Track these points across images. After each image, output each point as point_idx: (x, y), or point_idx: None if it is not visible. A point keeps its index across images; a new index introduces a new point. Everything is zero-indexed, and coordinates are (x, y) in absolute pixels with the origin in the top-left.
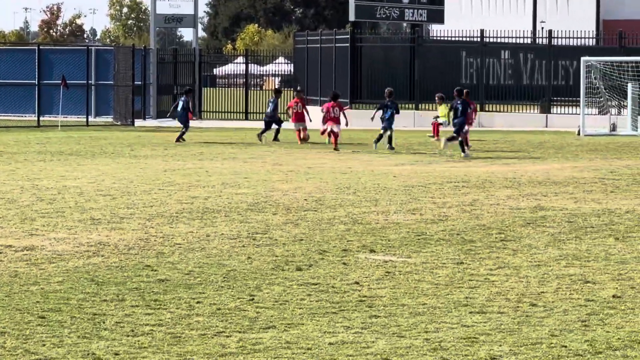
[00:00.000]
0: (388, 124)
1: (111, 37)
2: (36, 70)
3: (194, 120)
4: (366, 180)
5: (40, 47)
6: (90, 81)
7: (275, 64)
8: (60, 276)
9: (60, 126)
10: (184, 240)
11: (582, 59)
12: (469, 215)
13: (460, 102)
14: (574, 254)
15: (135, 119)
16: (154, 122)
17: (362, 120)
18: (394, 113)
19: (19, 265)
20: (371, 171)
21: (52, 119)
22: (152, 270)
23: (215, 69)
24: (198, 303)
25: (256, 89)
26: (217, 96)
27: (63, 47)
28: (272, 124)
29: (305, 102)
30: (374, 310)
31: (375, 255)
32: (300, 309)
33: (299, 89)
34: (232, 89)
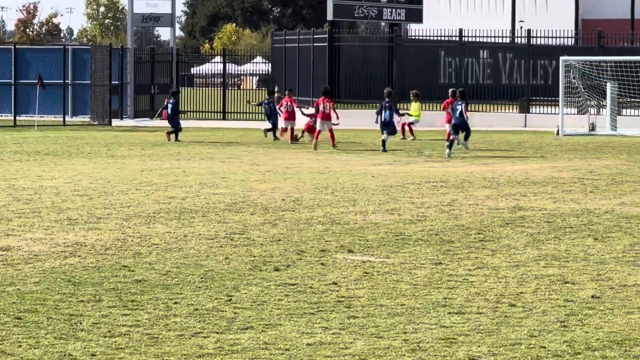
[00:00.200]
0: (389, 127)
1: (88, 36)
2: (12, 69)
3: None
4: (344, 180)
5: (17, 47)
6: (67, 81)
7: (253, 63)
8: (37, 277)
9: (37, 126)
10: (161, 240)
11: (561, 58)
12: (447, 216)
13: (460, 103)
14: (553, 255)
15: (113, 118)
16: (131, 122)
17: (340, 120)
18: (392, 114)
19: None
20: (349, 171)
21: (28, 118)
22: (129, 270)
23: (192, 69)
24: (175, 304)
25: (234, 89)
26: (194, 96)
27: (40, 47)
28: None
29: (297, 102)
30: (352, 311)
31: (353, 255)
32: (278, 309)
33: (290, 89)
34: (210, 88)
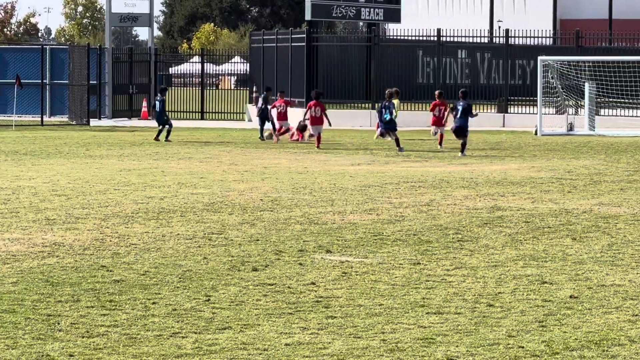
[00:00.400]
0: (389, 126)
1: (66, 36)
2: None
3: (149, 119)
4: (322, 180)
5: None
6: (45, 80)
7: (231, 63)
8: (14, 277)
9: (15, 126)
10: (139, 240)
11: (539, 58)
12: (425, 216)
13: (462, 104)
14: (531, 255)
15: (91, 118)
16: (110, 122)
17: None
18: (392, 113)
19: None
20: (327, 171)
21: (6, 118)
22: (107, 270)
23: (171, 68)
24: (154, 304)
25: (212, 89)
26: (172, 96)
27: (17, 46)
28: (265, 120)
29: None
30: (330, 311)
31: (331, 255)
32: (256, 309)
33: (282, 90)
34: (188, 88)
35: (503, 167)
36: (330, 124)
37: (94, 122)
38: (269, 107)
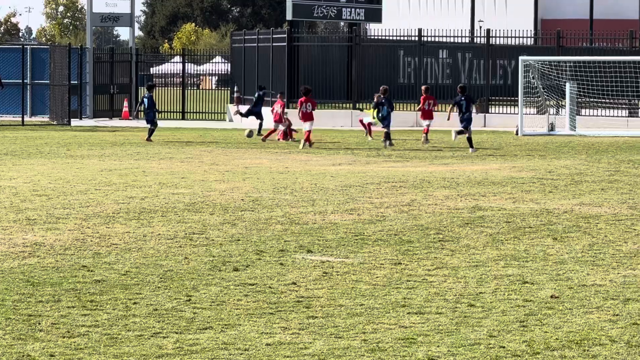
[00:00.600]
0: (387, 122)
1: (47, 35)
2: None
3: (130, 119)
4: (303, 180)
5: None
6: (25, 80)
7: (213, 63)
8: None
9: None
10: (120, 240)
11: (520, 58)
12: (406, 216)
13: (463, 98)
14: (512, 254)
15: (72, 118)
16: (91, 122)
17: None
18: (389, 110)
19: None
20: (308, 171)
21: None
22: (88, 270)
23: (152, 68)
24: (135, 304)
25: (193, 89)
26: (153, 96)
27: None
28: (258, 115)
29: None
30: (311, 311)
31: (312, 255)
32: (237, 309)
33: (282, 92)
34: (169, 88)
35: (484, 167)
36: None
37: (75, 122)
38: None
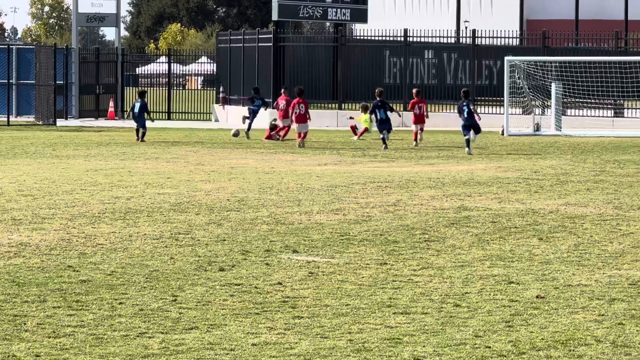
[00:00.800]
0: (385, 126)
1: (32, 36)
2: None
3: (116, 119)
4: (289, 180)
5: None
6: (11, 80)
7: (198, 63)
8: None
9: None
10: (106, 240)
11: (506, 58)
12: (392, 216)
13: (465, 104)
14: (498, 255)
15: (57, 118)
16: (76, 122)
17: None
18: (387, 112)
19: None
20: (294, 171)
21: None
22: (74, 270)
23: (137, 69)
24: (120, 304)
25: (179, 89)
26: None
27: None
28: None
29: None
30: (297, 311)
31: (298, 255)
32: (223, 309)
33: (286, 87)
34: (155, 88)
35: (470, 167)
36: (309, 119)
37: (60, 122)
38: (261, 107)
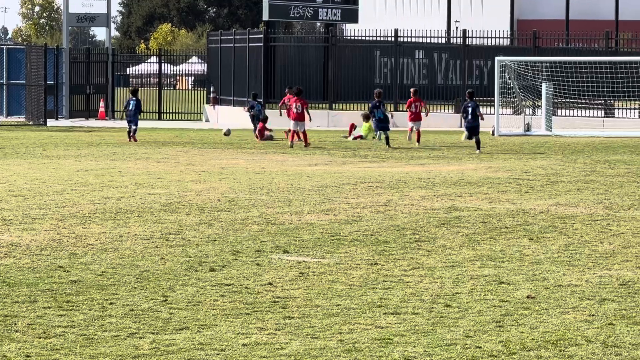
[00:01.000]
0: (383, 125)
1: (23, 36)
2: None
3: (106, 120)
4: (280, 180)
5: None
6: (1, 80)
7: (189, 63)
8: None
9: None
10: (96, 240)
11: (497, 58)
12: (383, 216)
13: (470, 105)
14: (488, 255)
15: (48, 118)
16: (67, 122)
17: (278, 119)
18: (385, 112)
19: None
20: (285, 171)
21: None
22: (64, 271)
23: (128, 69)
24: (111, 304)
25: (169, 89)
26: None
27: None
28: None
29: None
30: (287, 311)
31: (288, 255)
32: (213, 310)
33: (290, 87)
34: (145, 88)
35: (460, 168)
36: (310, 120)
37: (51, 122)
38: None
